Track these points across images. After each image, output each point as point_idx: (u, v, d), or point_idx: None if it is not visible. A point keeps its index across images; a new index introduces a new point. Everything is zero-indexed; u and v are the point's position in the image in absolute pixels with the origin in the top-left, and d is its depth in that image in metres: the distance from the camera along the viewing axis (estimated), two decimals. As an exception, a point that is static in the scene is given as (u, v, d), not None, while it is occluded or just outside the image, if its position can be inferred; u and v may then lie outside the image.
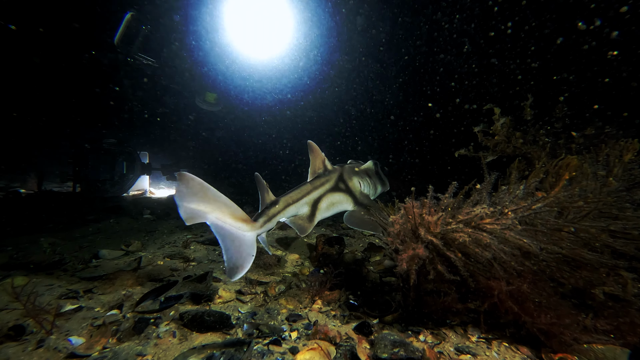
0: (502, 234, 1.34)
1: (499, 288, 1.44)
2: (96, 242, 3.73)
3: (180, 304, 1.95)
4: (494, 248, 1.34)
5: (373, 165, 2.85)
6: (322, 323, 1.88)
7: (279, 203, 2.04)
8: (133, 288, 2.19)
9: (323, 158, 2.39)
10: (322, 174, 2.34)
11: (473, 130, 3.03)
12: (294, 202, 2.10)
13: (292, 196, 2.12)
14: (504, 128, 2.66)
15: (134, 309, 1.81)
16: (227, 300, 2.11)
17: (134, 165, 8.92)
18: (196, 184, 1.52)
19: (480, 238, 1.37)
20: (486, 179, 1.53)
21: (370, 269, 3.00)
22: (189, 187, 1.54)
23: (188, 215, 1.58)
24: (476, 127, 2.97)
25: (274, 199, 2.06)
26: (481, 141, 2.90)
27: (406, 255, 1.44)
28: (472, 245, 1.39)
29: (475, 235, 1.37)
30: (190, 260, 3.06)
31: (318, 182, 2.27)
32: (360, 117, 8.71)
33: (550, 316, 1.27)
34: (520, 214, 1.34)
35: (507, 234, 1.34)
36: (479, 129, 2.90)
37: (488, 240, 1.35)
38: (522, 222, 1.39)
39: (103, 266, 2.68)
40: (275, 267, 2.96)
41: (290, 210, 2.10)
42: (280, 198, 2.08)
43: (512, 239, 1.34)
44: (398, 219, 1.61)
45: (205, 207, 1.58)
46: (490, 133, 2.89)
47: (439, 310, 1.73)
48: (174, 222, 4.94)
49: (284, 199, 2.09)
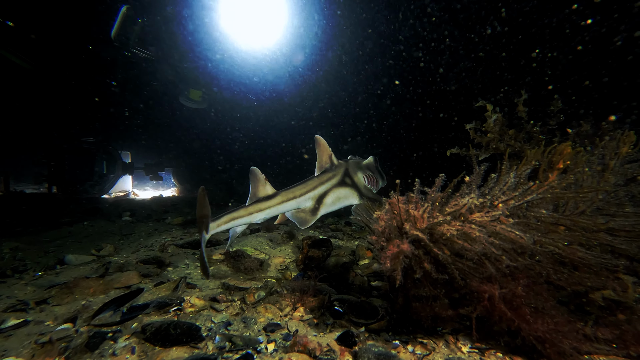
0: (492, 227, 1.23)
1: (491, 292, 1.32)
2: (65, 247, 3.48)
3: (145, 314, 1.77)
4: (484, 242, 1.23)
5: (374, 161, 2.95)
6: (302, 333, 1.73)
7: (276, 197, 2.08)
8: (95, 297, 1.99)
9: (330, 153, 2.43)
10: (329, 168, 2.39)
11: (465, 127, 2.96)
12: (294, 197, 2.14)
13: (294, 191, 2.16)
14: (496, 125, 2.59)
15: (90, 321, 1.62)
16: (199, 309, 1.94)
17: (114, 165, 8.57)
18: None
19: (469, 232, 1.26)
20: (475, 170, 1.42)
21: (359, 273, 2.87)
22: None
23: None
24: (468, 125, 2.90)
25: (271, 193, 2.09)
26: (473, 138, 2.83)
27: (390, 252, 1.32)
28: (461, 240, 1.28)
29: (463, 228, 1.25)
30: (166, 265, 2.87)
31: (325, 177, 2.32)
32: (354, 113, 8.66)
33: (548, 323, 1.17)
34: (511, 205, 1.24)
35: (498, 227, 1.23)
36: (471, 126, 2.82)
37: (477, 234, 1.24)
38: (513, 215, 1.29)
39: (66, 273, 2.46)
40: (257, 271, 2.79)
41: (290, 204, 2.13)
42: (280, 192, 2.12)
43: (503, 231, 1.23)
44: (383, 215, 1.49)
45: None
46: (483, 130, 2.82)
47: (428, 317, 1.61)
48: (154, 224, 4.71)
49: (283, 193, 2.12)
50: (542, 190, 1.21)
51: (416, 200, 1.45)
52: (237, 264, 2.81)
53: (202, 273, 2.02)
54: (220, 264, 2.95)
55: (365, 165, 2.75)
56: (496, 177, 1.38)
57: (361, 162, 2.73)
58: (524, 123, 2.53)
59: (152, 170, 9.89)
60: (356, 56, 7.64)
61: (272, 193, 2.11)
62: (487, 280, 1.41)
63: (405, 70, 7.43)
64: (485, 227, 1.23)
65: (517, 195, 1.24)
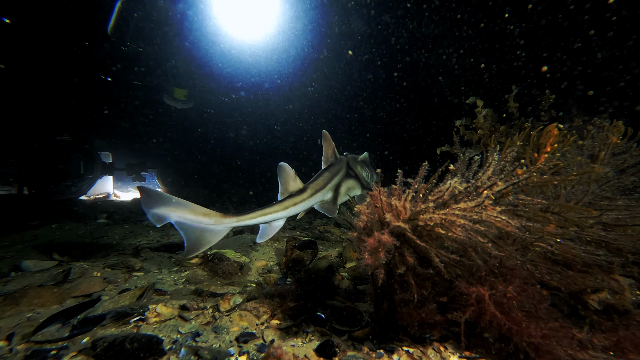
0: (477, 214, 1.13)
1: (479, 293, 1.22)
2: (26, 252, 3.20)
3: (101, 327, 1.58)
4: (468, 230, 1.12)
5: (368, 156, 3.14)
6: (278, 343, 1.59)
7: (307, 190, 2.20)
8: (46, 308, 1.78)
9: (333, 147, 2.59)
10: (334, 162, 2.55)
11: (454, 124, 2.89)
12: (320, 189, 2.29)
13: (318, 183, 2.30)
14: (487, 121, 2.53)
15: (30, 337, 1.43)
16: (166, 319, 1.76)
17: (92, 165, 8.17)
18: (154, 193, 1.89)
19: (453, 219, 1.15)
20: (460, 158, 1.33)
21: (345, 276, 2.74)
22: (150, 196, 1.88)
23: (155, 218, 1.89)
24: (458, 121, 2.84)
25: (303, 187, 2.22)
26: (463, 135, 2.77)
27: (370, 246, 1.20)
28: (444, 229, 1.17)
29: (446, 217, 1.15)
30: (136, 269, 2.66)
31: (335, 170, 2.47)
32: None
33: (542, 328, 1.07)
34: (496, 190, 1.14)
35: (483, 214, 1.13)
36: (461, 123, 2.76)
37: (461, 221, 1.14)
38: (500, 202, 1.19)
39: (18, 281, 2.22)
40: (236, 275, 2.63)
41: (318, 196, 2.28)
42: (308, 185, 2.25)
43: (489, 218, 1.12)
44: (364, 209, 1.37)
45: (166, 210, 1.88)
46: (473, 127, 2.76)
47: (415, 323, 1.50)
48: (130, 226, 4.45)
49: (311, 186, 2.26)
50: (529, 174, 1.12)
51: (399, 192, 1.34)
52: (215, 268, 2.64)
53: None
54: (197, 267, 2.76)
55: (361, 160, 2.93)
56: (479, 160, 1.28)
57: (357, 157, 2.91)
58: (515, 119, 2.48)
59: (134, 171, 9.49)
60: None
61: (303, 187, 2.21)
62: (477, 281, 1.31)
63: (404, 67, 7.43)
64: (470, 215, 1.12)
65: (502, 179, 1.14)
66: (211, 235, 1.98)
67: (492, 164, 1.20)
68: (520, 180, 1.10)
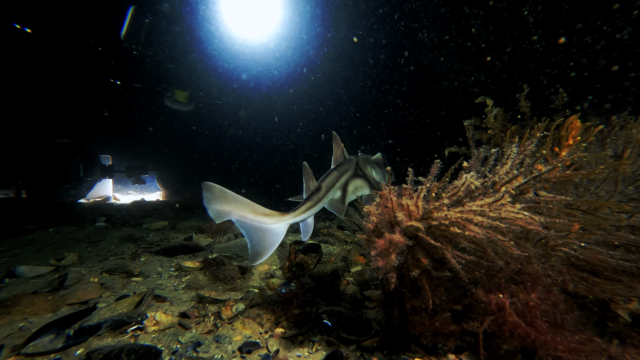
0: (496, 211, 1.06)
1: (500, 301, 1.15)
2: (21, 256, 3.14)
3: (97, 337, 1.51)
4: (487, 227, 1.05)
5: (381, 157, 3.16)
6: (284, 354, 1.52)
7: (322, 189, 2.26)
8: (39, 317, 1.72)
9: (343, 148, 2.64)
10: (342, 162, 2.59)
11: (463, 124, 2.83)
12: (331, 187, 2.34)
13: (329, 182, 2.35)
14: (497, 120, 2.46)
15: (20, 350, 1.36)
16: (165, 327, 1.69)
17: (92, 168, 8.14)
18: (217, 189, 1.84)
19: (470, 217, 1.08)
20: (474, 154, 1.26)
21: (350, 281, 2.67)
22: (213, 193, 1.84)
23: (215, 215, 1.85)
24: (466, 121, 2.77)
25: (318, 186, 2.26)
26: (473, 135, 2.70)
27: (381, 247, 1.13)
28: (461, 228, 1.10)
29: (462, 214, 1.08)
30: (135, 274, 2.59)
31: (342, 169, 2.51)
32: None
33: (569, 340, 1.00)
34: (516, 185, 1.07)
35: (502, 210, 1.05)
36: (470, 123, 2.70)
37: (479, 219, 1.07)
38: (519, 199, 1.12)
39: (11, 288, 2.16)
40: (238, 280, 2.56)
41: (330, 194, 2.33)
42: (322, 184, 2.29)
43: (509, 214, 1.05)
44: (374, 210, 1.30)
45: (227, 207, 1.86)
46: (483, 127, 2.69)
47: (428, 333, 1.42)
48: (129, 230, 4.39)
49: (324, 184, 2.30)
50: (553, 165, 1.04)
51: (410, 191, 1.27)
52: (216, 272, 2.57)
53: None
54: (198, 272, 2.69)
55: (373, 160, 2.96)
56: (496, 153, 1.21)
57: (369, 158, 2.94)
58: (527, 119, 2.42)
59: (134, 173, 9.46)
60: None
61: (318, 185, 2.27)
62: (495, 288, 1.24)
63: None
64: (488, 212, 1.05)
65: (522, 173, 1.07)
66: (273, 236, 1.90)
67: (510, 157, 1.13)
68: (544, 173, 1.03)
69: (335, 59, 7.84)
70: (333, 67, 8.03)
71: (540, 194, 1.09)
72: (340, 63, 7.92)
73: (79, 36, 6.05)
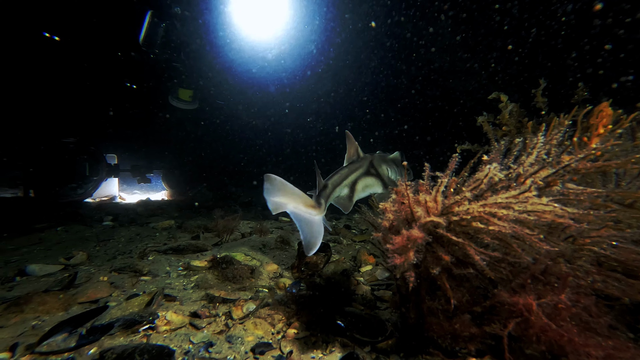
0: (522, 204, 1.01)
1: (526, 303, 1.10)
2: (31, 255, 3.18)
3: (109, 336, 1.51)
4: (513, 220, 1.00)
5: (399, 155, 3.16)
6: (298, 356, 1.49)
7: (329, 187, 2.35)
8: (51, 315, 1.72)
9: (357, 146, 2.71)
10: (355, 160, 2.66)
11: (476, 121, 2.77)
12: (338, 185, 2.42)
13: (336, 179, 2.43)
14: (512, 116, 2.40)
15: (34, 348, 1.36)
16: (176, 327, 1.68)
17: (98, 167, 8.23)
18: (278, 181, 1.92)
19: (494, 211, 1.04)
20: (494, 147, 1.22)
21: (361, 281, 2.64)
22: (273, 184, 1.93)
23: (274, 207, 1.92)
24: (480, 117, 2.71)
25: (324, 183, 2.35)
26: (486, 132, 2.64)
27: (399, 244, 1.09)
28: (484, 222, 1.06)
29: (485, 208, 1.04)
30: (144, 273, 2.60)
31: (353, 167, 2.58)
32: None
33: (604, 347, 0.95)
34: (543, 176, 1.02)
35: (529, 202, 1.00)
36: (484, 119, 2.64)
37: (504, 212, 1.02)
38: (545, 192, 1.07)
39: (23, 286, 2.18)
40: (247, 279, 2.55)
41: (336, 192, 2.42)
42: (328, 182, 2.38)
43: (536, 206, 0.99)
44: (390, 206, 1.27)
45: (285, 199, 1.94)
46: (497, 123, 2.63)
47: (447, 335, 1.38)
48: (136, 229, 4.42)
49: (331, 182, 2.39)
50: (585, 154, 0.99)
51: (427, 187, 1.24)
52: (225, 272, 2.56)
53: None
54: (206, 271, 2.69)
55: (390, 159, 2.98)
56: (521, 142, 1.17)
57: (387, 156, 2.96)
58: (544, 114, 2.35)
59: (139, 172, 9.54)
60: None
61: (325, 183, 2.39)
62: (519, 288, 1.20)
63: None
64: (514, 205, 1.01)
65: (549, 163, 1.02)
66: (318, 226, 1.97)
67: (536, 147, 1.08)
68: (575, 162, 0.98)
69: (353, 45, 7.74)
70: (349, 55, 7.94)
71: (568, 186, 1.04)
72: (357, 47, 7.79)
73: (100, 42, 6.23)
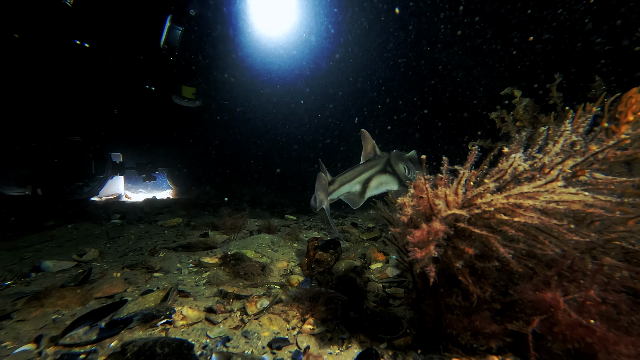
0: (549, 194, 0.99)
1: (554, 299, 1.10)
2: (44, 252, 3.23)
3: (128, 330, 1.53)
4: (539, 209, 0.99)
5: (416, 154, 3.25)
6: (315, 351, 1.50)
7: (335, 182, 2.52)
8: (70, 309, 1.75)
9: (373, 144, 2.80)
10: (372, 157, 2.75)
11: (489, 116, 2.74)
12: (347, 181, 2.56)
13: (346, 176, 2.58)
14: (527, 112, 2.38)
15: (58, 340, 1.39)
16: (193, 322, 1.70)
17: (103, 165, 8.32)
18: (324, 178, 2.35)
19: (519, 202, 1.03)
20: (515, 139, 1.21)
21: (371, 278, 2.64)
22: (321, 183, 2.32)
23: (318, 204, 2.31)
24: (493, 113, 2.69)
25: (330, 179, 2.51)
26: (499, 128, 2.62)
27: (419, 236, 1.09)
28: (509, 214, 1.05)
29: (509, 200, 1.03)
30: (156, 270, 2.63)
31: (369, 165, 2.68)
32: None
33: (636, 345, 0.95)
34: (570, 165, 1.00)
35: (557, 192, 0.99)
36: (497, 115, 2.61)
37: (530, 203, 1.01)
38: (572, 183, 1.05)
39: (40, 281, 2.22)
40: (258, 276, 2.56)
41: (344, 188, 2.56)
42: (336, 178, 2.55)
43: (563, 196, 0.97)
44: (408, 201, 1.27)
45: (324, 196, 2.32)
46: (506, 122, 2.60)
47: (467, 333, 1.38)
48: (145, 226, 4.47)
49: (339, 178, 2.55)
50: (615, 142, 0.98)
51: (445, 180, 1.24)
52: (237, 269, 2.58)
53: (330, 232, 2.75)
54: (217, 268, 2.71)
55: (407, 158, 3.04)
56: (546, 131, 1.15)
57: (403, 155, 3.02)
58: (559, 110, 2.32)
59: (144, 170, 9.62)
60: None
61: (331, 179, 2.54)
62: (544, 284, 1.19)
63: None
64: (541, 195, 0.99)
65: (578, 152, 1.01)
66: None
67: (564, 134, 1.07)
68: (605, 149, 0.97)
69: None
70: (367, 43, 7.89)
71: (596, 176, 1.03)
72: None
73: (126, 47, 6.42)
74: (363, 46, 7.70)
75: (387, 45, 7.64)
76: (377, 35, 7.48)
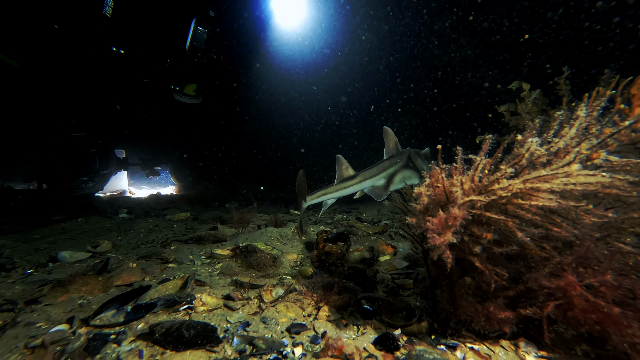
0: (566, 177, 1.03)
1: (569, 283, 1.15)
2: (58, 244, 3.31)
3: (152, 314, 1.60)
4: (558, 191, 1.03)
5: (429, 151, 3.43)
6: (333, 335, 1.57)
7: (358, 177, 2.73)
8: (93, 295, 1.82)
9: (396, 141, 2.96)
10: (395, 154, 2.92)
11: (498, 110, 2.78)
12: (372, 176, 2.74)
13: (370, 171, 2.75)
14: (536, 105, 2.41)
15: (89, 322, 1.46)
16: (212, 308, 1.77)
17: (108, 161, 8.39)
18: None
19: (537, 186, 1.08)
20: (529, 126, 1.25)
21: (380, 269, 2.71)
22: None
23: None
24: (502, 106, 2.72)
25: (352, 174, 2.73)
26: (508, 121, 2.65)
27: (437, 223, 1.14)
28: (526, 198, 1.10)
29: (526, 185, 1.08)
30: (170, 261, 2.70)
31: (394, 160, 2.85)
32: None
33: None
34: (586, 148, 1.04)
35: (574, 174, 1.03)
36: (506, 108, 2.64)
37: (547, 186, 1.06)
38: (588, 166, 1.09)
39: (60, 270, 2.29)
40: (270, 267, 2.63)
41: (367, 182, 2.73)
42: (359, 173, 2.74)
43: (579, 179, 1.02)
44: (424, 191, 1.32)
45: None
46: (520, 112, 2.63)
47: (480, 318, 1.44)
48: (154, 220, 4.54)
49: (362, 174, 2.74)
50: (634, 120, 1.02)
51: (460, 170, 1.28)
52: (249, 260, 2.65)
53: (299, 232, 3.01)
54: (229, 260, 2.78)
55: (423, 154, 3.21)
56: (561, 116, 1.19)
57: (419, 152, 3.21)
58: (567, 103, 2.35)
59: (148, 166, 9.69)
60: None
61: (354, 174, 2.70)
62: (558, 270, 1.24)
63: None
64: (558, 178, 1.04)
65: (592, 135, 1.05)
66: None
67: (579, 118, 1.11)
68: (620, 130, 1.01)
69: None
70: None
71: (610, 158, 1.07)
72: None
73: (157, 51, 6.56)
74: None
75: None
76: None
